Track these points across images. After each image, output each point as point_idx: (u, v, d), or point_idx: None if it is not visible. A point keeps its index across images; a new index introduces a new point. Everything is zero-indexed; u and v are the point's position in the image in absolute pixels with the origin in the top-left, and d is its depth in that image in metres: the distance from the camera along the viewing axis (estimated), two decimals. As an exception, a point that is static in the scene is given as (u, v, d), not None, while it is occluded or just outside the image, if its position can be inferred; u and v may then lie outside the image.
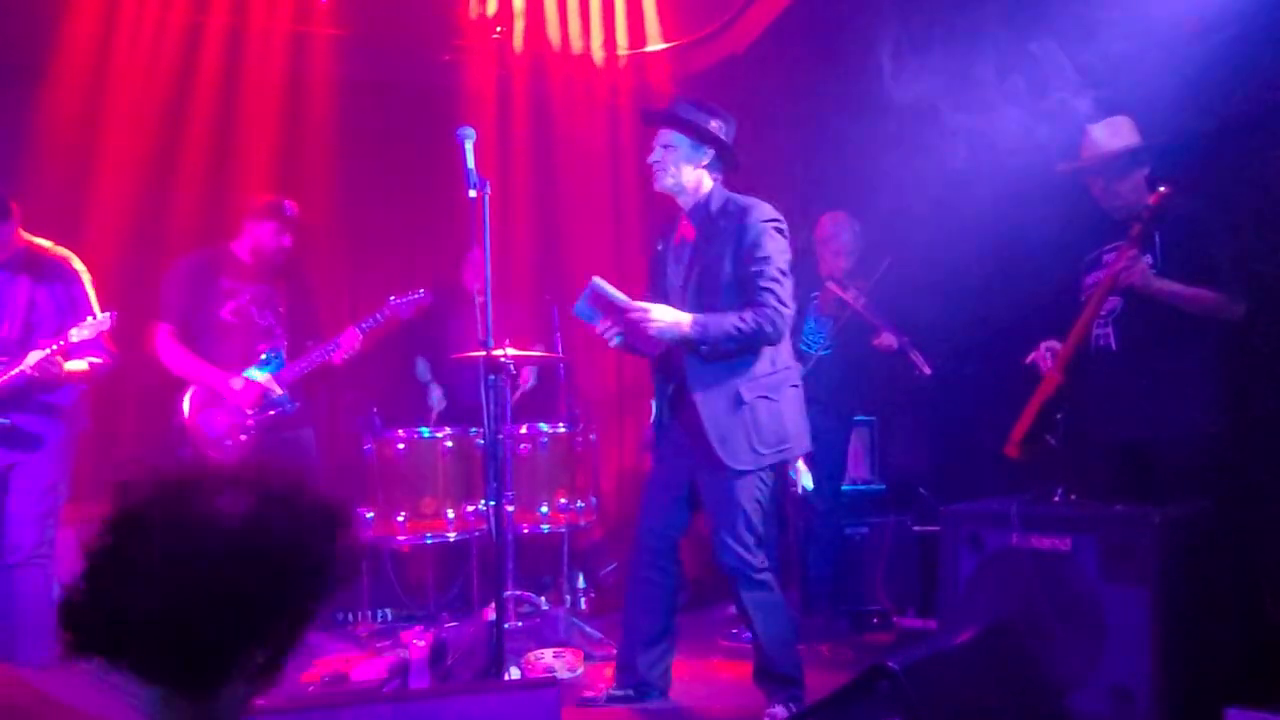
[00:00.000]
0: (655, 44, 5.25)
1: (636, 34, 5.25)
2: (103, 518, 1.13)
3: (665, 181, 3.13)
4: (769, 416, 3.04)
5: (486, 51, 5.07)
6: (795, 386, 3.16)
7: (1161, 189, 3.05)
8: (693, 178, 3.12)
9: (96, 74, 4.54)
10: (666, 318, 2.95)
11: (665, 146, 3.11)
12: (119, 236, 4.55)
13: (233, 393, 3.96)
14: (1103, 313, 3.19)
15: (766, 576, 3.12)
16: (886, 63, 4.55)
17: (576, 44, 5.18)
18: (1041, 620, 2.84)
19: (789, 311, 3.00)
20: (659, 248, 3.25)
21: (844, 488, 4.54)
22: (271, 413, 4.02)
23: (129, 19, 4.49)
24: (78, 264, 3.58)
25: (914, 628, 4.26)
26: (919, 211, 4.68)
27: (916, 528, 4.52)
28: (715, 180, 3.17)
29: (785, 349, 3.15)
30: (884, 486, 4.79)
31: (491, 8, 4.92)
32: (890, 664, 2.32)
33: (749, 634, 4.13)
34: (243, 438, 3.98)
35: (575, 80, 5.26)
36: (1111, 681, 2.69)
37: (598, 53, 5.24)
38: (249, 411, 3.99)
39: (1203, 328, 3.05)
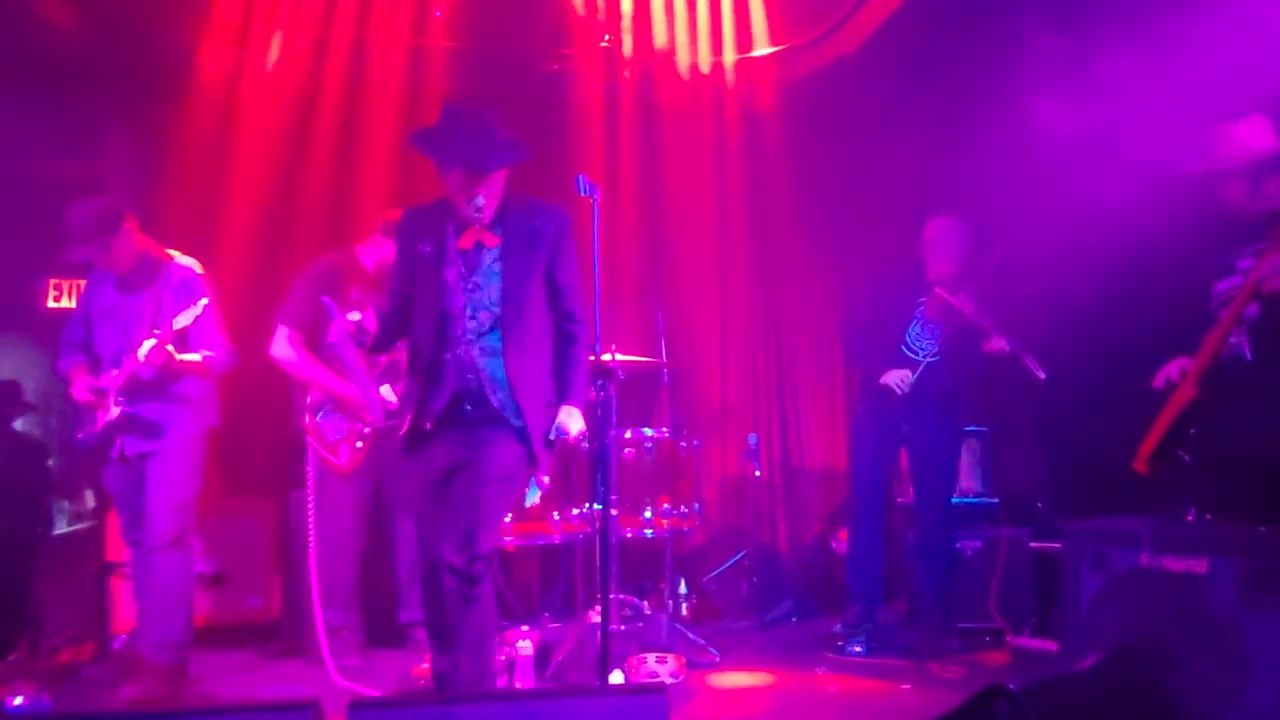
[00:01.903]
0: (763, 48, 5.21)
1: (744, 38, 5.23)
2: None
3: (489, 218, 2.90)
4: None
5: (594, 60, 5.13)
6: None
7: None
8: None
9: (230, 90, 4.81)
10: (574, 425, 2.94)
11: (490, 188, 2.85)
12: (250, 244, 4.81)
13: (361, 405, 4.12)
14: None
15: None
16: (1004, 65, 4.41)
17: (683, 51, 5.19)
18: (1174, 647, 2.69)
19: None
20: (425, 249, 2.93)
21: (954, 500, 4.41)
22: (389, 424, 4.17)
23: (260, 37, 4.73)
24: (199, 270, 3.78)
25: (1030, 648, 4.10)
26: (1037, 215, 4.53)
27: (1033, 543, 4.36)
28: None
29: None
30: (996, 500, 4.64)
31: (600, 17, 4.97)
32: (1009, 685, 2.24)
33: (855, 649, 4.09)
34: (359, 444, 4.14)
35: (682, 87, 5.27)
36: (1254, 716, 2.53)
37: (705, 59, 5.24)
38: (369, 420, 4.14)
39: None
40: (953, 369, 4.22)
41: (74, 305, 4.29)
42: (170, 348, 3.45)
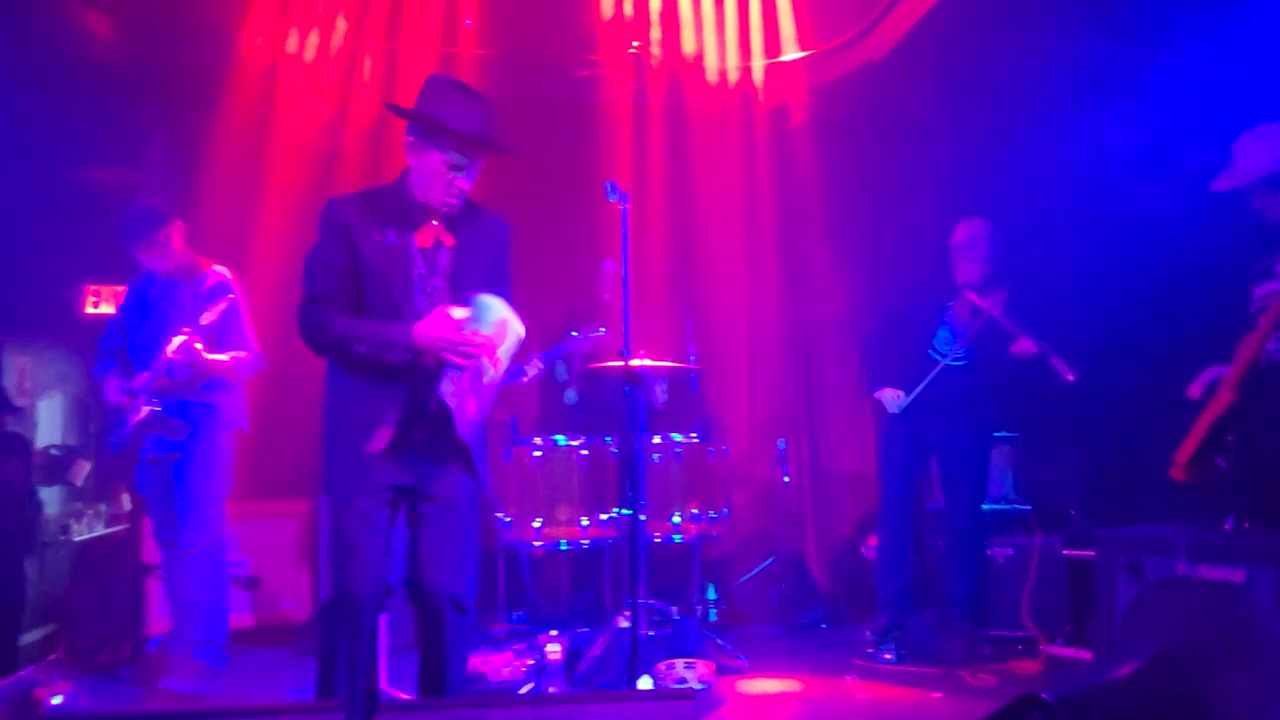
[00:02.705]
0: (791, 53, 5.21)
1: (771, 44, 5.23)
2: None
3: (456, 209, 2.71)
4: None
5: (623, 67, 5.15)
6: None
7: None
8: None
9: (264, 98, 4.89)
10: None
11: (474, 175, 2.71)
12: (283, 250, 4.85)
13: None
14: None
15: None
16: (1034, 70, 4.38)
17: (712, 56, 5.20)
18: (1210, 656, 2.65)
19: None
20: (389, 240, 2.64)
21: (986, 506, 4.37)
22: None
23: (296, 46, 4.80)
24: (230, 276, 3.84)
25: (1063, 657, 4.05)
26: (1070, 220, 4.49)
27: (1066, 551, 4.31)
28: None
29: None
30: (1029, 507, 4.59)
31: (627, 22, 4.99)
32: (1043, 694, 2.21)
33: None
34: None
35: (710, 92, 5.28)
36: (1292, 727, 2.49)
37: (733, 64, 5.24)
38: None
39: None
40: (980, 372, 4.19)
41: (111, 311, 4.38)
42: (199, 345, 3.50)
